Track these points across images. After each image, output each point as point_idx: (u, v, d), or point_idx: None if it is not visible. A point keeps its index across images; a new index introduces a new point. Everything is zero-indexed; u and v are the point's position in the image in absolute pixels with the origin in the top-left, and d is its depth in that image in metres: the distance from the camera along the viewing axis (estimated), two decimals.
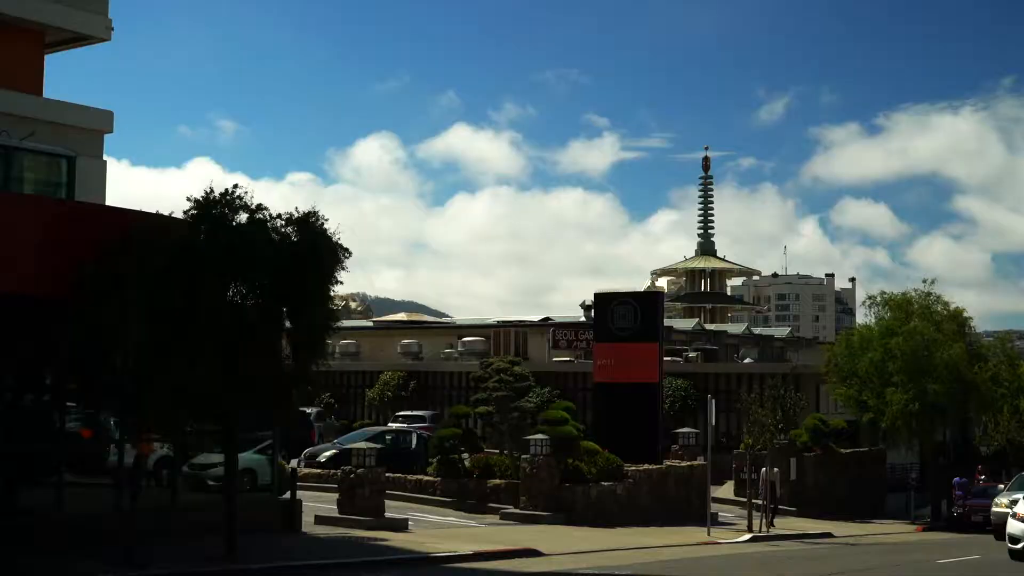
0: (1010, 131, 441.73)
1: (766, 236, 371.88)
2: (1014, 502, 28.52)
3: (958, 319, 47.33)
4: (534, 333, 68.66)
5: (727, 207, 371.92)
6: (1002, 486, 48.33)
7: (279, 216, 19.59)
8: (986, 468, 48.45)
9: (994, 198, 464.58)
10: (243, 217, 19.28)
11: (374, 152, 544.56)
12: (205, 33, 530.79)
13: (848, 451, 47.22)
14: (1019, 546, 25.72)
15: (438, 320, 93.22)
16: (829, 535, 36.11)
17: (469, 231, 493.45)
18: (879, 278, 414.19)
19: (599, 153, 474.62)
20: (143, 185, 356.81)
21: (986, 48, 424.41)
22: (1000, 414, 54.48)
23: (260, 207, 19.40)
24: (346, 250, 19.79)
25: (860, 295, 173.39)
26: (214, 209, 19.06)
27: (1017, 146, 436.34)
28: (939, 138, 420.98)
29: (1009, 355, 50.79)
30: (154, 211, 20.40)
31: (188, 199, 19.21)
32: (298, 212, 19.69)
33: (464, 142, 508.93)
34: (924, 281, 47.80)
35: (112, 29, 26.83)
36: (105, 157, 26.30)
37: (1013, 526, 26.24)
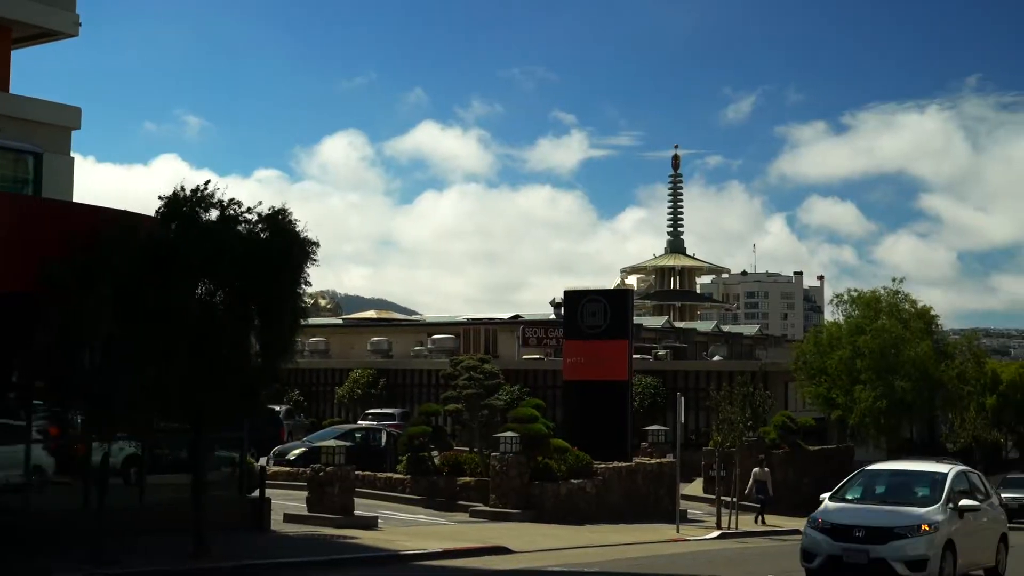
0: (975, 130, 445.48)
1: (734, 234, 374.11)
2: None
3: (925, 317, 47.67)
4: (504, 331, 68.68)
5: (695, 205, 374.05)
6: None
7: (250, 210, 19.51)
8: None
9: (960, 197, 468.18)
10: (213, 214, 19.21)
11: (341, 149, 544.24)
12: (171, 28, 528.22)
13: (816, 448, 47.46)
14: (814, 564, 18.94)
15: (408, 318, 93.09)
16: (798, 532, 36.21)
17: (437, 229, 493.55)
18: (846, 276, 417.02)
19: (567, 151, 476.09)
20: (110, 182, 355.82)
21: (952, 47, 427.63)
22: (966, 411, 54.97)
23: (232, 201, 19.33)
24: (316, 244, 19.75)
25: (828, 293, 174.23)
26: (184, 206, 18.98)
27: (982, 145, 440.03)
28: (905, 137, 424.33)
29: (975, 353, 51.19)
30: (122, 208, 20.29)
31: (160, 198, 19.13)
32: (269, 209, 19.64)
33: (432, 140, 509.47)
34: (893, 280, 48.21)
35: (80, 25, 26.67)
36: (72, 154, 26.16)
37: (811, 538, 19.15)
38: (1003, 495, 47.56)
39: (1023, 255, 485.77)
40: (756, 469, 39.24)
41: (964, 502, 19.33)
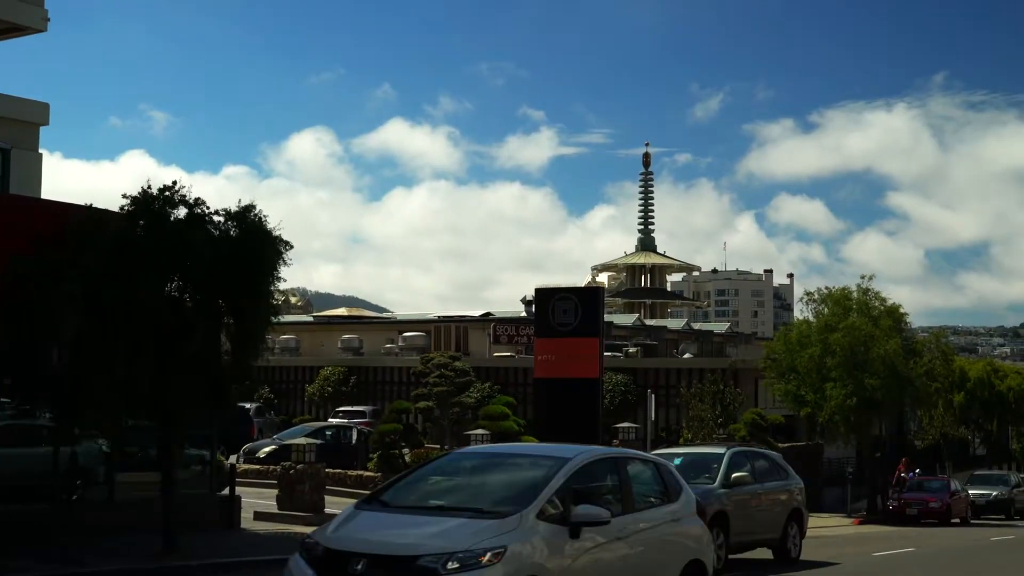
0: (942, 129, 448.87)
1: (703, 232, 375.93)
2: None
3: (895, 315, 47.90)
4: (475, 328, 68.67)
5: (664, 203, 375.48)
6: (941, 479, 49.10)
7: (218, 212, 19.42)
8: (910, 461, 49.03)
9: (927, 195, 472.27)
10: (182, 212, 19.10)
11: (309, 146, 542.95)
12: (134, 23, 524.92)
13: (786, 445, 47.62)
14: None
15: (379, 315, 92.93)
16: None
17: (407, 225, 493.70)
18: (815, 273, 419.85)
19: (536, 148, 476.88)
20: (78, 178, 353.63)
21: (919, 45, 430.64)
22: (935, 409, 55.34)
23: (199, 202, 19.23)
24: (287, 243, 19.67)
25: (798, 291, 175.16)
26: (153, 204, 18.87)
27: (948, 144, 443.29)
28: (873, 135, 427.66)
29: (944, 351, 51.49)
30: (90, 204, 20.15)
31: (124, 196, 19.00)
32: (238, 206, 19.55)
33: (400, 137, 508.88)
34: (862, 277, 48.39)
35: (48, 20, 26.48)
36: (40, 150, 25.97)
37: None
38: (971, 492, 48.12)
39: (989, 254, 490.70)
40: None
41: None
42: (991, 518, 48.60)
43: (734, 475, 21.04)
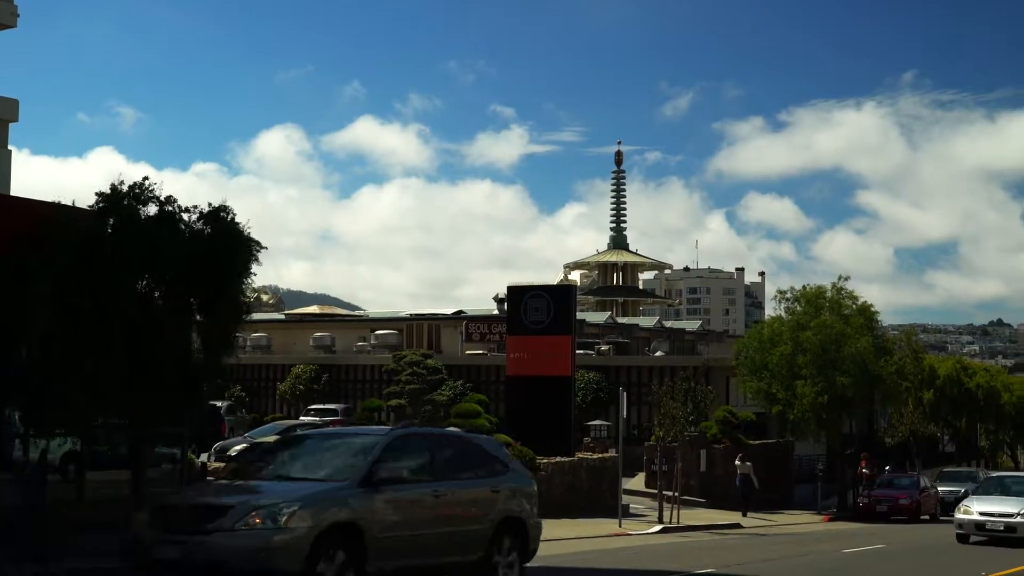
0: (911, 127, 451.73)
1: (673, 230, 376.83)
2: None
3: (866, 313, 48.17)
4: (447, 326, 68.65)
5: (635, 201, 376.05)
6: (910, 476, 49.37)
7: (189, 209, 19.35)
8: (871, 457, 49.22)
9: (896, 193, 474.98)
10: (152, 210, 19.02)
11: (279, 143, 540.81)
12: (103, 18, 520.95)
13: (757, 443, 47.88)
14: None
15: (351, 313, 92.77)
16: (738, 526, 36.61)
17: (377, 223, 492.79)
18: (785, 272, 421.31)
19: (506, 145, 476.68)
20: (45, 175, 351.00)
21: (888, 44, 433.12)
22: (905, 406, 55.64)
23: (170, 199, 19.16)
24: (258, 243, 19.62)
25: (770, 289, 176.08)
26: (123, 201, 18.78)
27: (917, 143, 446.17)
28: (842, 134, 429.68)
29: (914, 349, 51.90)
30: (58, 202, 20.02)
31: (96, 194, 18.91)
32: (210, 206, 19.49)
33: (370, 134, 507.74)
34: (839, 277, 48.68)
35: (18, 16, 26.27)
36: (9, 147, 25.76)
37: None
38: (940, 488, 48.42)
39: (958, 252, 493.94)
40: (738, 463, 40.46)
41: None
42: None
43: (385, 468, 14.41)
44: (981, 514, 29.39)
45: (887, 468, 52.17)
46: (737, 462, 41.74)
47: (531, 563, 20.57)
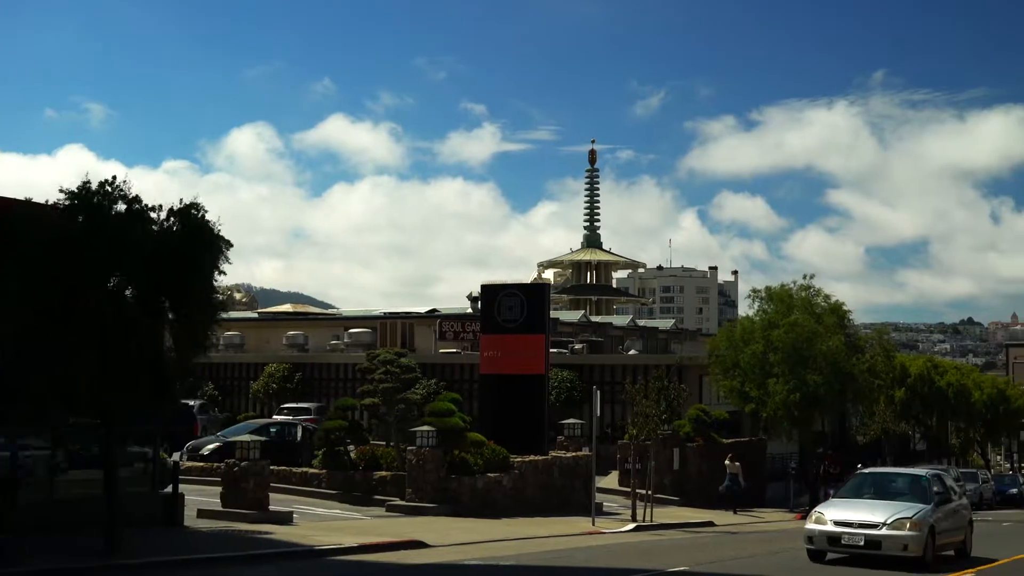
0: (881, 127, 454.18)
1: (646, 229, 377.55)
2: None
3: (838, 312, 48.34)
4: (421, 325, 68.54)
5: (606, 199, 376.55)
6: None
7: (159, 207, 19.27)
8: (839, 456, 49.33)
9: (867, 192, 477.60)
10: (122, 207, 18.92)
11: (249, 141, 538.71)
12: (68, 13, 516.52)
13: (730, 441, 47.99)
14: None
15: (324, 312, 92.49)
16: (711, 524, 36.68)
17: (349, 221, 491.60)
18: (757, 270, 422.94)
19: (478, 143, 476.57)
20: (14, 172, 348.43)
21: (859, 43, 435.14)
22: (876, 404, 55.92)
23: (137, 199, 19.06)
24: (228, 242, 19.56)
25: (743, 288, 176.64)
26: (94, 199, 18.68)
27: (888, 142, 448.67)
28: (813, 133, 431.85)
29: (885, 347, 51.99)
30: (28, 199, 19.91)
31: (62, 191, 18.79)
32: (180, 203, 19.41)
33: (342, 132, 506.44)
34: (804, 276, 48.82)
35: None
36: None
37: None
38: None
39: (928, 251, 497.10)
40: (727, 462, 40.77)
41: None
42: None
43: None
44: (837, 524, 21.93)
45: (858, 466, 52.41)
46: (727, 462, 42.31)
47: (506, 562, 20.62)
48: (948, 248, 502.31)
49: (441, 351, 63.81)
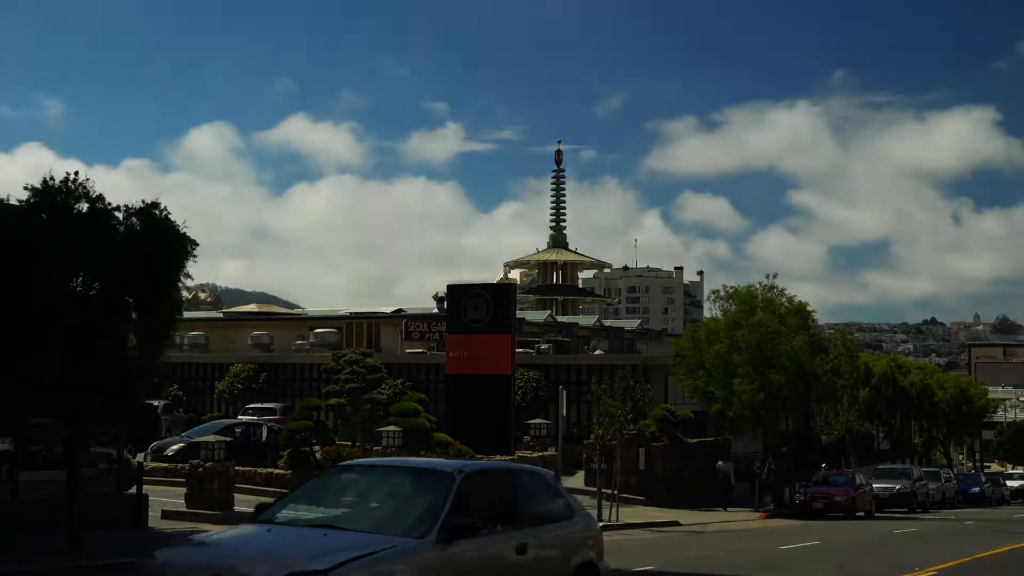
0: (842, 128, 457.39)
1: (608, 229, 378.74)
2: None
3: (802, 312, 48.64)
4: (387, 325, 68.42)
5: (569, 199, 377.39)
6: (846, 473, 49.98)
7: (123, 207, 19.16)
8: (773, 462, 49.32)
9: (828, 193, 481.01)
10: (84, 206, 18.80)
11: (209, 140, 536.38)
12: (20, 6, 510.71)
13: (695, 441, 48.18)
14: None
15: (289, 311, 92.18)
16: (676, 523, 36.79)
17: (312, 221, 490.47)
18: (720, 270, 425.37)
19: (440, 143, 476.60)
20: None
21: (819, 45, 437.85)
22: (840, 404, 56.32)
23: (101, 197, 18.94)
24: (193, 241, 19.48)
25: (708, 288, 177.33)
26: (56, 197, 18.54)
27: (849, 143, 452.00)
28: (775, 134, 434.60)
29: (849, 347, 52.38)
30: None
31: (26, 188, 18.65)
32: (143, 203, 19.31)
33: (302, 131, 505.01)
34: (767, 276, 49.09)
35: None
36: None
37: None
38: (875, 485, 49.09)
39: (890, 252, 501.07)
40: (719, 463, 41.20)
41: None
42: (894, 511, 49.55)
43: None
44: None
45: (822, 466, 52.75)
46: (719, 463, 43.03)
47: None
48: (910, 248, 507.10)
49: (407, 351, 63.75)
